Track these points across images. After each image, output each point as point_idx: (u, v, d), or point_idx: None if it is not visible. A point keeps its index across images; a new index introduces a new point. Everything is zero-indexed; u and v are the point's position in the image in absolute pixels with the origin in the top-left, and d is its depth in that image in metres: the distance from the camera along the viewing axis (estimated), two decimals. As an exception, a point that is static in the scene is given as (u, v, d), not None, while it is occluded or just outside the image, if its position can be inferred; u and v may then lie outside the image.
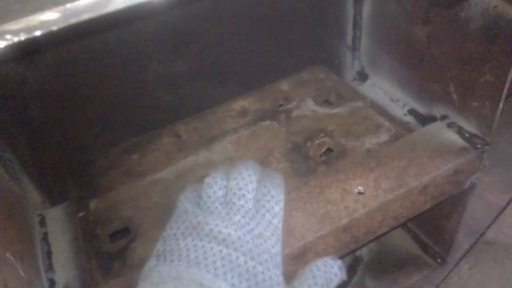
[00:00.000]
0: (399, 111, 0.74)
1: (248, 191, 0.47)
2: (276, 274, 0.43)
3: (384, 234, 0.67)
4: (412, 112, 0.73)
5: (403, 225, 0.89)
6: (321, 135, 0.70)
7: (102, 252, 0.57)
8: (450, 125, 0.66)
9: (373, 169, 0.61)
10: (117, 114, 0.74)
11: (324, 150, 0.69)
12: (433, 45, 0.64)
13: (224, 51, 0.79)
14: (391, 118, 0.71)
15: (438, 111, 0.69)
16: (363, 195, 0.58)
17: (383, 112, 0.73)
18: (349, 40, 0.80)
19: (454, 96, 0.64)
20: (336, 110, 0.74)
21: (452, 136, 0.65)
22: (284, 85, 0.81)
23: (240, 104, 0.78)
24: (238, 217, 0.45)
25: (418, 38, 0.66)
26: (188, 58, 0.77)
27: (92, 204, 0.64)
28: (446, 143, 0.64)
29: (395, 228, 0.74)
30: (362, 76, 0.81)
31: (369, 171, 0.61)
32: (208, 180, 0.48)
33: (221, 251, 0.42)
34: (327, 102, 0.77)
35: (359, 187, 0.59)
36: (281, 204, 0.48)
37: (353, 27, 0.78)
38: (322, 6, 0.79)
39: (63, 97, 0.69)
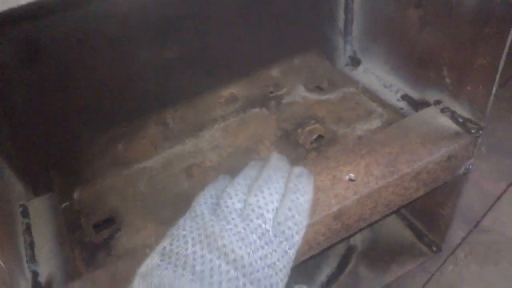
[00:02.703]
0: (392, 97, 0.73)
1: (268, 211, 0.46)
2: None
3: (376, 221, 0.66)
4: (405, 97, 0.72)
5: (398, 213, 0.87)
6: (312, 121, 0.68)
7: (86, 242, 0.56)
8: (443, 110, 0.64)
9: (364, 156, 0.59)
10: (103, 102, 0.72)
11: (315, 137, 0.67)
12: (426, 29, 0.62)
13: (214, 37, 0.76)
14: (383, 103, 0.70)
15: (431, 96, 0.67)
16: (354, 182, 0.57)
17: (375, 98, 0.71)
18: (341, 24, 0.78)
19: (448, 80, 0.63)
20: (327, 96, 0.73)
21: (445, 121, 0.63)
22: (275, 72, 0.79)
23: (229, 91, 0.76)
24: (254, 237, 0.43)
25: (410, 22, 0.64)
26: (177, 45, 0.75)
27: (76, 194, 0.62)
28: (439, 129, 0.63)
29: (388, 215, 0.73)
30: (355, 61, 0.79)
31: (360, 157, 0.59)
32: (229, 189, 0.47)
33: (228, 271, 0.40)
34: (318, 88, 0.75)
35: (350, 174, 0.58)
36: (302, 233, 0.47)
37: (345, 10, 0.75)
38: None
39: (47, 84, 0.67)
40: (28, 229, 0.60)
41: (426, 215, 0.81)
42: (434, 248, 0.82)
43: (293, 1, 0.78)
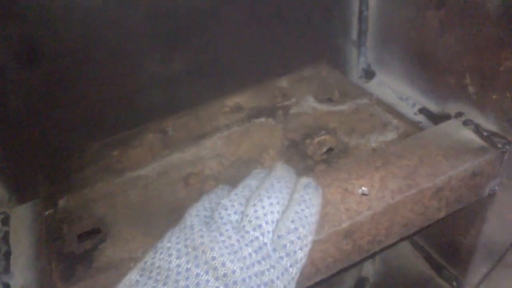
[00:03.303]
0: (409, 110, 0.67)
1: (267, 222, 0.40)
2: None
3: (391, 246, 0.59)
4: (423, 111, 0.66)
5: (414, 243, 0.80)
6: (322, 132, 0.63)
7: (66, 253, 0.50)
8: (466, 123, 0.59)
9: (379, 168, 0.54)
10: (103, 110, 0.69)
11: (325, 150, 0.61)
12: (447, 32, 0.57)
13: (221, 48, 0.73)
14: (399, 115, 0.64)
15: (452, 108, 0.62)
16: (367, 197, 0.51)
17: (391, 109, 0.66)
18: (354, 34, 0.74)
19: (471, 89, 0.57)
20: (339, 108, 0.68)
21: (468, 135, 0.58)
22: (283, 82, 0.75)
23: (234, 100, 0.72)
24: (249, 250, 0.38)
25: (430, 26, 0.60)
26: (185, 56, 0.71)
27: (62, 202, 0.57)
28: (462, 142, 0.57)
29: (404, 239, 0.66)
30: (368, 74, 0.75)
31: (374, 170, 0.54)
32: (224, 201, 0.42)
33: None
34: (329, 100, 0.70)
35: (363, 188, 0.52)
36: (307, 250, 0.41)
37: (359, 19, 0.72)
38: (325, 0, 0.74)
39: (45, 88, 0.63)
40: (5, 237, 0.55)
41: (446, 244, 0.74)
42: (455, 283, 0.74)
43: (304, 12, 0.75)
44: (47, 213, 0.55)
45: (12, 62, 0.61)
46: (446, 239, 0.72)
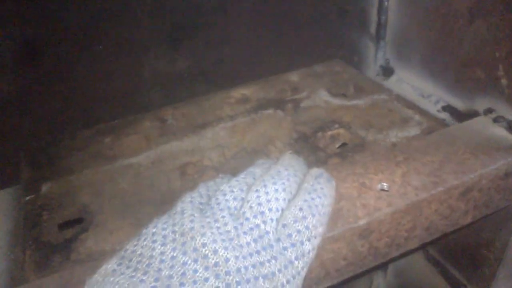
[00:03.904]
0: (432, 108, 0.62)
1: (270, 209, 0.34)
2: None
3: (410, 252, 0.53)
4: (447, 108, 0.61)
5: (427, 256, 0.73)
6: (336, 126, 0.57)
7: (43, 242, 0.44)
8: (497, 120, 0.53)
9: (400, 163, 0.48)
10: (99, 105, 0.64)
11: (339, 144, 0.56)
12: (477, 19, 0.52)
13: (229, 46, 0.69)
14: (422, 111, 0.59)
15: (481, 104, 0.56)
16: (387, 192, 0.45)
17: (412, 105, 0.60)
18: (372, 28, 0.69)
19: (504, 81, 0.52)
20: (354, 102, 0.62)
21: (500, 132, 0.52)
22: (293, 76, 0.69)
23: (240, 91, 0.66)
24: (247, 239, 0.32)
25: (457, 13, 0.55)
26: (189, 54, 0.67)
27: (45, 187, 0.51)
28: (492, 139, 0.51)
29: (423, 246, 0.60)
30: (387, 71, 0.70)
31: (395, 165, 0.48)
32: (223, 187, 0.36)
33: (206, 280, 0.29)
34: (343, 96, 0.65)
35: (382, 183, 0.46)
36: (316, 242, 0.35)
37: (378, 11, 0.67)
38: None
39: (41, 75, 0.59)
40: (-22, 223, 0.49)
41: (467, 258, 0.67)
42: (476, 304, 0.67)
43: (317, 6, 0.70)
44: (27, 198, 0.50)
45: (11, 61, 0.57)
46: (466, 252, 0.65)
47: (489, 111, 0.54)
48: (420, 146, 0.50)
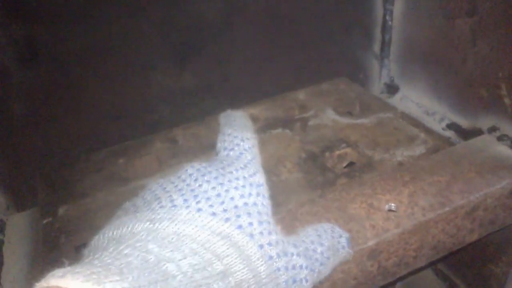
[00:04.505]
0: (437, 126, 0.63)
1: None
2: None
3: (417, 271, 0.54)
4: (452, 126, 0.62)
5: (436, 270, 0.74)
6: (343, 145, 0.58)
7: (62, 264, 0.45)
8: (501, 138, 0.54)
9: (407, 183, 0.49)
10: (109, 123, 0.65)
11: (346, 163, 0.57)
12: (480, 40, 0.54)
13: (235, 63, 0.71)
14: (427, 129, 0.60)
15: (484, 122, 0.57)
16: (395, 213, 0.46)
17: (417, 123, 0.61)
18: (376, 46, 0.71)
19: (507, 100, 0.53)
20: (360, 121, 0.63)
21: (504, 150, 0.53)
22: (300, 95, 0.71)
23: (248, 111, 0.68)
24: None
25: (460, 34, 0.56)
26: (196, 70, 0.69)
27: (61, 210, 0.53)
28: (497, 158, 0.52)
29: (432, 264, 0.61)
30: (392, 89, 0.71)
31: (402, 185, 0.49)
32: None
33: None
34: (349, 114, 0.66)
35: (390, 204, 0.47)
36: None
37: (382, 30, 0.68)
38: (344, 9, 0.71)
39: (51, 97, 0.61)
40: (-1, 246, 0.50)
41: (473, 273, 0.67)
42: (483, 319, 0.68)
43: (322, 23, 0.72)
44: (45, 221, 0.51)
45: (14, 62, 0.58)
46: (474, 266, 0.66)
47: (493, 129, 0.56)
48: (426, 166, 0.51)
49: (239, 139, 0.39)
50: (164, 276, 0.25)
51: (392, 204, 0.47)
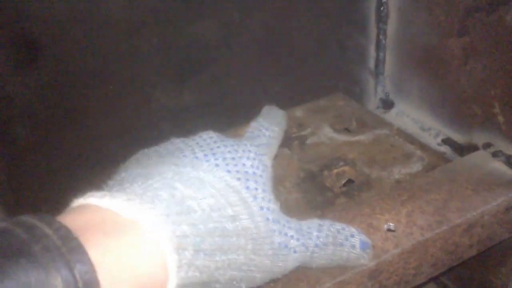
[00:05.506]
0: (432, 141, 0.64)
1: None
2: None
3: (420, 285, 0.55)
4: (447, 141, 0.63)
5: (438, 282, 0.75)
6: (341, 163, 0.59)
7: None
8: (495, 154, 0.55)
9: (405, 203, 0.50)
10: (111, 143, 0.66)
11: (344, 181, 0.58)
12: (472, 60, 0.55)
13: (234, 80, 0.72)
14: (423, 146, 0.61)
15: (479, 138, 0.58)
16: (393, 233, 0.47)
17: (413, 140, 0.62)
18: (371, 63, 0.72)
19: (500, 118, 0.54)
20: (357, 138, 0.64)
21: (499, 166, 0.54)
22: (297, 112, 0.72)
23: (245, 129, 0.69)
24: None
25: (452, 54, 0.57)
26: (196, 88, 0.70)
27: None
28: (493, 174, 0.53)
29: (432, 279, 0.61)
30: (387, 104, 0.72)
31: (400, 204, 0.50)
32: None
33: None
34: (346, 131, 0.67)
35: (389, 223, 0.48)
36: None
37: (376, 48, 0.70)
38: (339, 28, 0.72)
39: (54, 118, 0.62)
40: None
41: (475, 285, 0.68)
42: (483, 329, 0.69)
43: (318, 43, 0.73)
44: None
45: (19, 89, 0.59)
46: (474, 278, 0.67)
47: (487, 145, 0.57)
48: (423, 184, 0.52)
49: (265, 128, 0.46)
50: (188, 210, 0.31)
51: (391, 224, 0.48)
